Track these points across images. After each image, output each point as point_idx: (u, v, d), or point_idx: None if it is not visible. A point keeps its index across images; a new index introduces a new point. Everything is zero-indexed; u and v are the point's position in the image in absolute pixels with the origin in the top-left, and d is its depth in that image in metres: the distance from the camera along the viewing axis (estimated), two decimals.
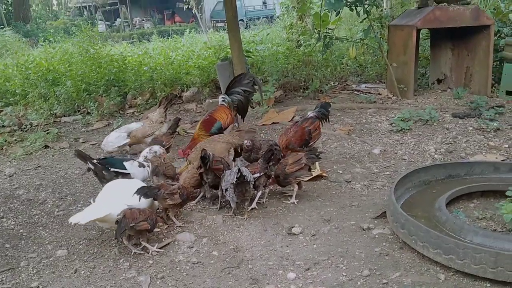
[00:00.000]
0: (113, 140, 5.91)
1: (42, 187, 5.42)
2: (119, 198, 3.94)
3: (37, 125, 7.80)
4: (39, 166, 6.13)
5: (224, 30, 17.43)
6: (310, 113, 5.36)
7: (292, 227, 4.02)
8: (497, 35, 8.17)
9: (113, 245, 3.94)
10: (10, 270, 3.71)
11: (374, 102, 7.89)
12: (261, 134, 6.66)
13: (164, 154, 4.95)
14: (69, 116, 8.47)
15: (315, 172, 5.07)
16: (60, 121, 8.28)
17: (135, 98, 8.96)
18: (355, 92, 8.88)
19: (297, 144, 5.00)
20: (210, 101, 8.33)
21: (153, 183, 4.58)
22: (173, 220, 4.22)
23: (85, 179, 5.54)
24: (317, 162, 5.02)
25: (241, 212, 4.36)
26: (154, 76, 9.24)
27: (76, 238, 4.14)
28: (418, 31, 7.81)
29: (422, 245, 3.32)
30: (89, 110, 8.40)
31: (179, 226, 4.18)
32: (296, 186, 4.54)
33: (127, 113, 8.52)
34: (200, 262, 3.62)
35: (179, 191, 4.13)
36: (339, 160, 5.61)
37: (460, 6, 7.54)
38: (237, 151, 5.06)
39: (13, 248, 4.05)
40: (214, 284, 3.33)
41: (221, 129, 5.72)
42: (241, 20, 28.21)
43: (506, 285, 3.03)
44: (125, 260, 3.71)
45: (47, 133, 7.22)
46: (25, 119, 8.00)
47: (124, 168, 4.64)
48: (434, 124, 6.48)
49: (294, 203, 4.51)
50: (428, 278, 3.18)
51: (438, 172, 4.54)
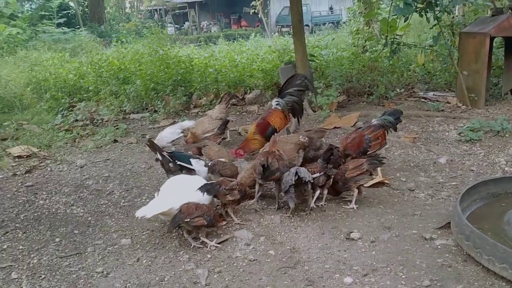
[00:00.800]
0: (167, 135, 6.24)
1: (110, 179, 5.68)
2: (182, 193, 4.06)
3: (108, 121, 8.21)
4: (108, 159, 6.44)
5: (289, 35, 17.48)
6: (374, 121, 5.21)
7: (351, 232, 3.97)
8: None
9: (174, 238, 4.07)
10: (78, 255, 3.92)
11: (442, 111, 7.62)
12: (322, 138, 6.60)
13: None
14: (137, 113, 8.82)
15: (377, 179, 4.97)
16: (129, 118, 8.64)
17: (200, 99, 9.19)
18: (422, 100, 8.61)
19: (354, 151, 4.90)
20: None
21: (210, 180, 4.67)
22: (232, 217, 4.29)
23: (150, 173, 5.76)
24: (379, 169, 4.93)
25: (299, 214, 4.37)
26: (219, 78, 9.45)
27: (140, 229, 4.31)
28: (492, 39, 7.47)
29: (488, 259, 3.18)
30: (156, 108, 8.71)
31: (238, 223, 4.25)
32: (356, 191, 4.48)
33: (192, 113, 8.75)
34: (257, 260, 3.66)
35: (238, 187, 4.21)
36: (403, 168, 5.47)
37: None
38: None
39: (81, 235, 4.29)
40: (270, 282, 3.35)
41: (275, 132, 5.73)
42: (307, 25, 28.20)
43: None
44: (185, 253, 3.82)
45: (117, 129, 7.58)
46: (97, 115, 8.44)
47: (190, 164, 4.77)
48: (506, 136, 6.17)
49: (354, 208, 4.45)
50: None
51: (509, 185, 4.32)
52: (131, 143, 7.06)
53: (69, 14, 25.68)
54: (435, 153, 5.83)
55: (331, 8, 36.44)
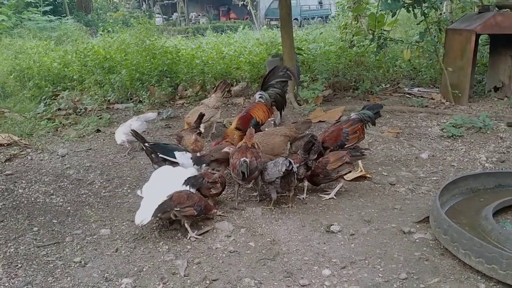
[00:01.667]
0: (137, 127, 5.93)
1: (91, 169, 5.63)
2: (170, 188, 4.00)
3: (91, 110, 8.13)
4: (90, 149, 6.38)
5: (278, 28, 17.43)
6: (353, 115, 5.27)
7: (331, 225, 3.99)
8: None
9: (154, 228, 4.05)
10: (56, 244, 3.88)
11: (426, 107, 7.68)
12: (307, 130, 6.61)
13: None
14: (122, 104, 8.74)
15: (359, 172, 5.00)
16: (113, 108, 8.56)
17: (186, 90, 9.14)
18: (407, 95, 8.67)
19: (331, 144, 4.94)
20: None
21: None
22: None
23: (132, 164, 5.72)
24: (361, 162, 4.96)
25: (281, 206, 4.38)
26: (205, 70, 9.39)
27: (120, 219, 4.28)
28: (477, 36, 7.54)
29: (464, 253, 3.21)
30: (141, 99, 8.64)
31: (219, 215, 4.24)
32: (341, 183, 4.52)
33: (177, 104, 8.70)
34: (237, 251, 3.66)
35: (220, 180, 4.20)
36: (385, 162, 5.50)
37: None
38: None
39: (60, 224, 4.24)
40: (249, 274, 3.35)
41: (257, 125, 5.72)
42: (296, 19, 28.11)
43: None
44: (164, 244, 3.80)
45: (100, 118, 7.52)
46: (80, 104, 8.35)
47: (173, 157, 4.73)
48: (488, 133, 6.24)
49: (334, 198, 4.50)
50: (468, 287, 3.07)
51: (488, 181, 4.37)
52: (114, 134, 6.98)
53: (56, 2, 25.27)
54: (417, 148, 5.88)
55: (321, 3, 36.33)
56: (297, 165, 4.23)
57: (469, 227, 3.62)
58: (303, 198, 4.54)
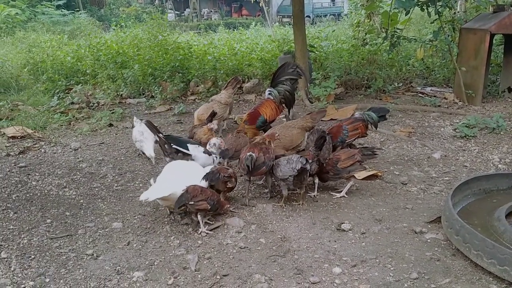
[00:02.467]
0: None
1: (104, 162, 5.67)
2: (181, 179, 4.04)
3: (104, 104, 8.18)
4: (103, 143, 6.42)
5: (290, 25, 17.39)
6: (357, 114, 5.33)
7: (342, 223, 3.98)
8: None
9: (166, 222, 4.08)
10: (68, 237, 3.92)
11: (439, 106, 7.63)
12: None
13: (223, 143, 4.96)
14: (134, 98, 8.78)
15: (370, 171, 4.99)
16: (125, 102, 8.60)
17: (197, 86, 9.16)
18: (420, 95, 8.61)
19: (332, 140, 4.98)
20: None
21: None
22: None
23: (144, 158, 5.74)
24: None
25: (291, 203, 4.38)
26: (217, 66, 9.41)
27: (132, 213, 4.31)
28: (492, 36, 7.46)
29: (476, 254, 3.19)
30: (153, 94, 8.68)
31: (230, 211, 4.25)
32: (351, 182, 4.52)
33: (189, 100, 8.72)
34: (247, 248, 3.67)
35: (234, 175, 4.22)
36: (397, 162, 5.48)
37: None
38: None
39: (73, 217, 4.29)
40: (259, 270, 3.36)
41: (265, 123, 5.74)
42: (308, 16, 28.07)
43: None
44: (176, 238, 3.83)
45: (112, 113, 7.56)
46: (93, 98, 8.40)
47: (187, 149, 4.75)
48: (501, 133, 6.18)
49: (345, 196, 4.49)
50: None
51: (500, 182, 4.33)
52: (127, 128, 7.03)
53: None
54: (430, 148, 5.84)
55: (333, 0, 36.23)
56: (310, 161, 4.23)
57: (482, 228, 3.60)
58: (314, 196, 4.54)
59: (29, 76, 9.38)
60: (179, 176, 4.13)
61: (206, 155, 4.81)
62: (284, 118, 6.67)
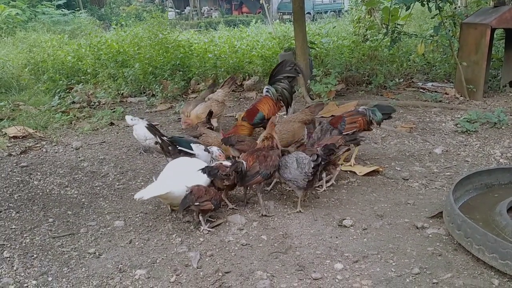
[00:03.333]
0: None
1: (105, 161, 5.68)
2: (181, 177, 4.04)
3: (105, 103, 8.19)
4: (104, 142, 6.43)
5: (290, 22, 17.37)
6: (361, 108, 5.32)
7: (343, 219, 3.98)
8: None
9: (167, 220, 4.08)
10: (70, 236, 3.93)
11: (440, 101, 7.61)
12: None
13: (222, 156, 4.92)
14: (135, 97, 8.80)
15: (370, 167, 5.01)
16: (126, 101, 8.62)
17: (198, 84, 9.16)
18: (421, 90, 8.60)
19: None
20: None
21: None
22: (226, 202, 4.30)
23: (146, 157, 5.76)
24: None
25: (293, 200, 4.38)
26: (218, 64, 9.41)
27: (133, 211, 4.32)
28: (493, 31, 7.43)
29: (478, 248, 3.19)
30: (154, 92, 8.69)
31: (232, 208, 4.26)
32: (337, 171, 4.65)
33: (190, 98, 8.72)
34: (249, 244, 3.67)
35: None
36: (398, 157, 5.47)
37: None
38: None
39: (75, 216, 4.29)
40: (261, 267, 3.37)
41: (263, 120, 5.72)
42: (308, 13, 27.96)
43: None
44: (178, 236, 3.83)
45: (113, 112, 7.58)
46: (94, 97, 8.42)
47: (191, 149, 4.74)
48: (503, 128, 6.17)
49: (328, 189, 4.59)
50: (481, 282, 3.05)
51: (502, 176, 4.32)
52: (128, 127, 7.02)
53: None
54: (431, 143, 5.84)
55: None
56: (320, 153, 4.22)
57: (483, 223, 3.60)
58: (324, 190, 4.58)
59: (30, 76, 9.40)
60: (180, 174, 4.12)
61: (207, 153, 4.81)
62: (285, 115, 6.68)
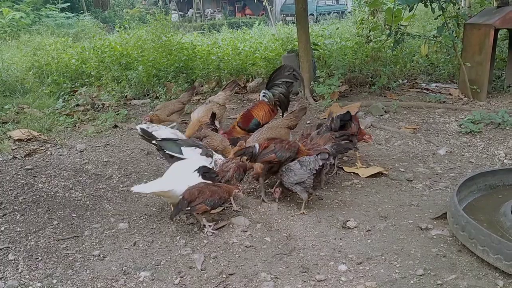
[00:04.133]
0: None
1: (109, 164, 5.69)
2: (184, 176, 4.04)
3: (109, 106, 8.22)
4: (108, 144, 6.45)
5: (293, 24, 17.36)
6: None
7: (347, 221, 3.98)
8: None
9: (171, 222, 4.09)
10: (75, 238, 3.95)
11: (444, 102, 7.59)
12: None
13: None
14: (139, 99, 8.81)
15: (374, 168, 5.01)
16: (130, 104, 8.64)
17: (202, 86, 9.18)
18: (424, 91, 8.57)
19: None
20: None
21: None
22: (232, 203, 4.30)
23: (149, 159, 5.77)
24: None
25: (297, 202, 4.38)
26: (221, 66, 9.43)
27: (138, 213, 4.33)
28: (496, 31, 7.41)
29: (482, 249, 3.18)
30: (158, 95, 8.70)
31: (235, 210, 4.26)
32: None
33: (193, 100, 8.73)
34: (253, 246, 3.68)
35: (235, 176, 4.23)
36: (402, 159, 5.46)
37: None
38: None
39: (79, 218, 4.31)
40: (265, 269, 3.37)
41: (258, 126, 5.65)
42: (311, 14, 28.01)
43: None
44: (181, 238, 3.84)
45: (117, 114, 7.60)
46: (98, 100, 8.45)
47: (180, 153, 4.63)
48: (507, 129, 6.14)
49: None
50: (486, 284, 3.05)
51: (506, 177, 4.31)
52: (132, 129, 7.05)
53: None
54: (435, 144, 5.82)
55: None
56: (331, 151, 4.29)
57: (488, 224, 3.59)
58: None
59: (34, 79, 9.45)
60: (183, 174, 4.12)
61: (204, 157, 4.69)
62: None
